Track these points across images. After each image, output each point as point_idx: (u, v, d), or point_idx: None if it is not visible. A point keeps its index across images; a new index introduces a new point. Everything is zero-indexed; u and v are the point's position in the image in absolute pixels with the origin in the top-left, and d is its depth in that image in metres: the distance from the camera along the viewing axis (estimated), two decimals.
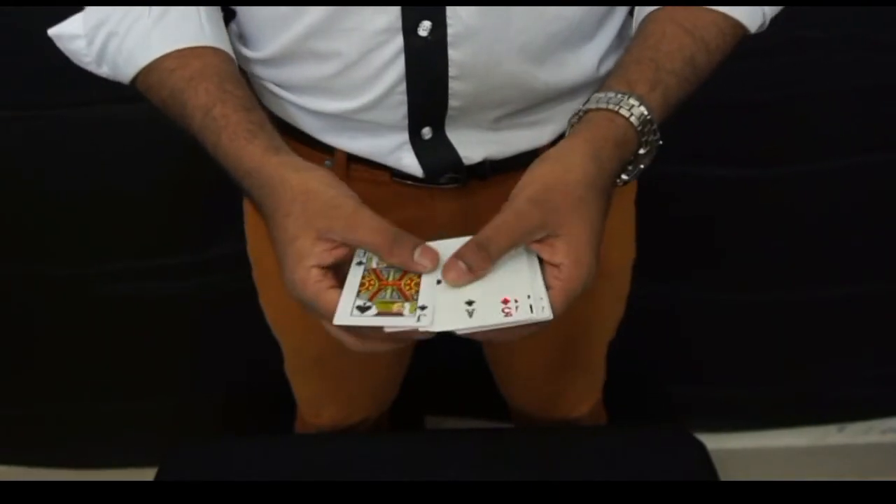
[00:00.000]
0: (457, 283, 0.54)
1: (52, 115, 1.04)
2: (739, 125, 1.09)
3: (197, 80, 0.61)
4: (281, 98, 0.71)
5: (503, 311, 0.53)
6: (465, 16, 0.60)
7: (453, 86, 0.64)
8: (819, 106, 1.08)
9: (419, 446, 0.96)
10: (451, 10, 0.60)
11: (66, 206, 1.13)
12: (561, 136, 0.72)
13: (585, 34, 0.66)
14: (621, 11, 0.69)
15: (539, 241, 0.55)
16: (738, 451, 1.41)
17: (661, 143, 0.61)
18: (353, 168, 0.73)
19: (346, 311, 0.54)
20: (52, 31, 0.67)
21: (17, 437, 1.41)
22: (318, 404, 1.02)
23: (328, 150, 0.73)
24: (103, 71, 0.67)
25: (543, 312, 0.53)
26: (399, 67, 0.63)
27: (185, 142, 0.74)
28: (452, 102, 0.65)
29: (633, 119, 0.59)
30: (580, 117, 0.61)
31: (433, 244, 0.57)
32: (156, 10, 0.63)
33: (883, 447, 1.44)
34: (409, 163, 0.70)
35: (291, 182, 0.57)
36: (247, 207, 0.87)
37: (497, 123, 0.69)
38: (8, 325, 1.25)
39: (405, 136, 0.68)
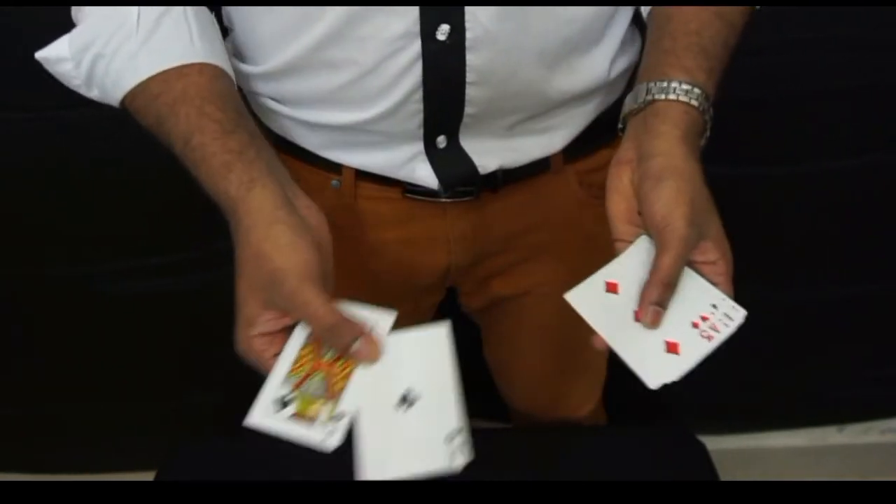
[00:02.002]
0: (656, 325, 0.56)
1: (52, 115, 1.04)
2: (739, 124, 1.09)
3: (178, 105, 0.59)
4: (282, 115, 0.70)
5: (702, 335, 0.57)
6: (484, 20, 0.59)
7: (470, 92, 0.63)
8: (820, 106, 1.08)
9: None
10: (469, 14, 0.59)
11: (66, 206, 1.13)
12: (573, 142, 0.72)
13: (594, 37, 0.66)
14: (625, 15, 0.69)
15: None
16: (738, 451, 1.41)
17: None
18: (362, 186, 0.72)
19: (265, 405, 0.53)
20: (40, 55, 0.65)
21: (15, 441, 1.41)
22: None
23: (335, 169, 0.71)
24: (94, 94, 0.65)
25: (739, 312, 0.58)
26: (416, 74, 0.61)
27: None
28: (468, 109, 0.64)
29: (702, 109, 0.59)
30: (646, 103, 0.59)
31: (392, 336, 0.55)
32: (143, 30, 0.60)
33: (882, 447, 1.44)
34: (423, 174, 0.69)
35: (250, 240, 0.55)
36: None
37: (511, 130, 0.68)
38: (8, 325, 1.25)
39: (420, 146, 0.67)
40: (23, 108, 1.04)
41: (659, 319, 0.56)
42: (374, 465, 0.51)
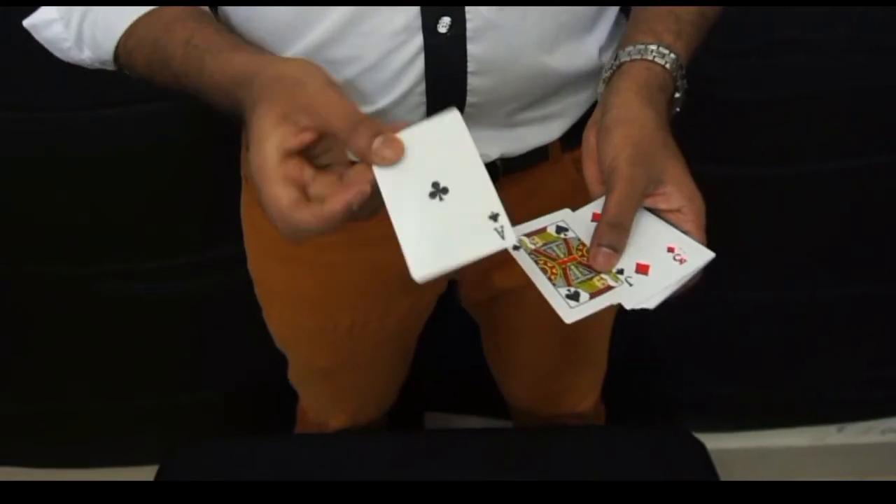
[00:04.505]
0: (609, 268, 0.56)
1: (52, 115, 1.04)
2: (740, 124, 1.09)
3: (174, 24, 0.60)
4: None
5: (675, 258, 0.56)
6: (484, 10, 0.60)
7: (472, 81, 0.64)
8: (820, 107, 1.08)
9: (419, 446, 0.96)
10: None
11: (66, 206, 1.13)
12: (572, 130, 0.73)
13: (587, 24, 0.68)
14: (614, 7, 0.71)
15: (650, 196, 0.57)
16: (738, 451, 1.41)
17: (687, 87, 0.63)
18: None
19: (564, 304, 0.55)
20: (28, 22, 0.65)
21: (16, 437, 1.41)
22: (326, 414, 1.02)
23: None
24: (85, 55, 0.65)
25: (704, 253, 0.56)
26: (418, 67, 0.62)
27: (185, 141, 0.73)
28: (470, 98, 0.65)
29: (667, 66, 0.61)
30: (614, 70, 0.62)
31: (406, 133, 0.50)
32: None
33: (883, 447, 1.44)
34: None
35: (267, 71, 0.53)
36: (246, 225, 0.86)
37: (511, 118, 0.69)
38: (8, 325, 1.25)
39: None
40: (24, 108, 1.04)
41: (610, 262, 0.56)
42: (421, 261, 0.49)
